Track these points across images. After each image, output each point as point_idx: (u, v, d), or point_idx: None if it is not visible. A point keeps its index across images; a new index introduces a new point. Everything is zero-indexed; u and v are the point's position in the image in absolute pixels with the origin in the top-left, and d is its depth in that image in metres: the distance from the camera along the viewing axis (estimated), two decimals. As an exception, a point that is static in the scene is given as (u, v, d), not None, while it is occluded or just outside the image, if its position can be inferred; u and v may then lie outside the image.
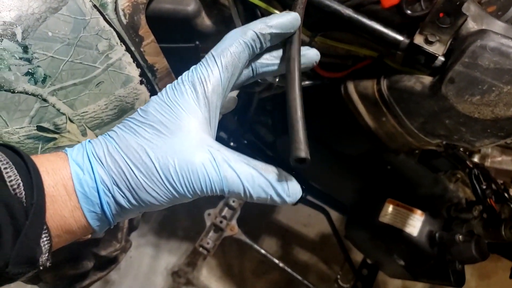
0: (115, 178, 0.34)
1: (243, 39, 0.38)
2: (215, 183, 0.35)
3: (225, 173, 0.35)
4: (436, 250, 0.84)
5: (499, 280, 1.58)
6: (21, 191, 0.31)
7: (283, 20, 0.39)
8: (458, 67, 0.54)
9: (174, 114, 0.36)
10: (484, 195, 0.83)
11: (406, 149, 0.74)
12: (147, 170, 0.34)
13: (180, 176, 0.34)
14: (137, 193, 0.35)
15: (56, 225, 0.34)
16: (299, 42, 0.40)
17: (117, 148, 0.35)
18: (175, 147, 0.35)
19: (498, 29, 0.57)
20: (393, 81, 0.64)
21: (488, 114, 0.55)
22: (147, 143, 0.35)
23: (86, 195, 0.34)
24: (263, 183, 0.36)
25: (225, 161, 0.35)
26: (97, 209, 0.35)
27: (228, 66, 0.37)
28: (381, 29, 0.61)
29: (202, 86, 0.37)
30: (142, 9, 0.66)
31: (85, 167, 0.34)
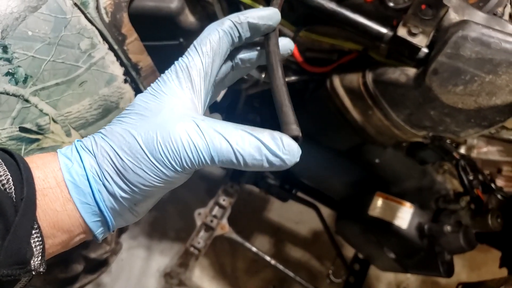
0: (103, 164, 0.34)
1: (221, 27, 0.39)
2: (202, 150, 0.33)
3: (212, 138, 0.33)
4: (425, 242, 0.85)
5: (489, 271, 1.60)
6: (10, 186, 0.30)
7: (260, 12, 0.40)
8: (441, 58, 0.55)
9: (157, 99, 0.36)
10: (471, 186, 0.84)
11: (393, 141, 0.74)
12: (131, 149, 0.34)
13: (164, 147, 0.33)
14: (124, 175, 0.34)
15: (48, 221, 0.33)
16: (276, 37, 0.41)
17: (103, 137, 0.35)
18: (157, 122, 0.34)
19: (479, 19, 0.58)
20: (378, 74, 0.65)
21: (471, 104, 0.56)
22: (131, 126, 0.35)
23: (76, 184, 0.33)
24: (254, 144, 0.33)
25: (210, 127, 0.34)
26: (89, 199, 0.34)
27: (208, 52, 0.38)
28: (365, 22, 0.61)
29: (184, 73, 0.37)
30: (124, 7, 0.65)
31: (73, 157, 0.34)
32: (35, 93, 0.55)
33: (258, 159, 0.33)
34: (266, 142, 0.33)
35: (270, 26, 0.40)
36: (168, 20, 0.71)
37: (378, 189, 0.90)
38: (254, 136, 0.33)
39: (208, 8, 0.73)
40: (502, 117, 0.56)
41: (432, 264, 0.85)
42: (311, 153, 0.95)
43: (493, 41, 0.52)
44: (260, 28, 0.40)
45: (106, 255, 1.05)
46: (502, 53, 0.52)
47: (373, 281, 1.59)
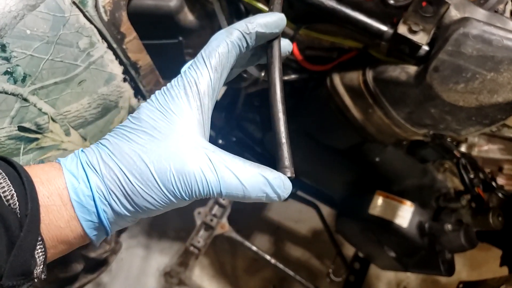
0: (110, 186, 0.34)
1: (229, 39, 0.38)
2: (213, 185, 0.35)
3: (222, 175, 0.34)
4: (426, 241, 0.84)
5: (490, 269, 1.60)
6: (15, 202, 0.31)
7: (267, 19, 0.39)
8: (442, 56, 0.54)
9: (166, 119, 0.36)
10: (472, 184, 0.84)
11: (394, 140, 0.74)
12: (142, 176, 0.34)
13: (177, 180, 0.34)
14: (133, 199, 0.34)
15: (52, 236, 0.33)
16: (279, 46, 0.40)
17: (110, 155, 0.35)
18: (170, 151, 0.34)
19: (480, 16, 0.58)
20: (378, 72, 0.64)
21: (472, 102, 0.56)
22: (141, 149, 0.35)
23: (82, 204, 0.33)
24: (261, 182, 0.35)
25: (221, 163, 0.35)
26: (93, 217, 0.34)
27: (217, 67, 0.37)
28: (365, 19, 0.61)
29: (193, 89, 0.37)
30: (123, 5, 0.65)
31: (79, 176, 0.34)
32: (33, 92, 0.54)
33: (260, 195, 0.36)
34: (271, 181, 0.36)
35: (276, 33, 0.40)
36: (167, 18, 0.71)
37: (379, 187, 0.89)
38: (261, 175, 0.36)
39: (207, 7, 0.73)
40: (504, 115, 0.56)
41: (432, 263, 0.85)
42: (311, 152, 0.95)
43: (494, 39, 0.52)
44: (266, 36, 0.40)
45: (106, 255, 1.05)
46: (504, 51, 0.51)
47: (373, 280, 1.58)
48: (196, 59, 0.38)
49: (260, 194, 0.36)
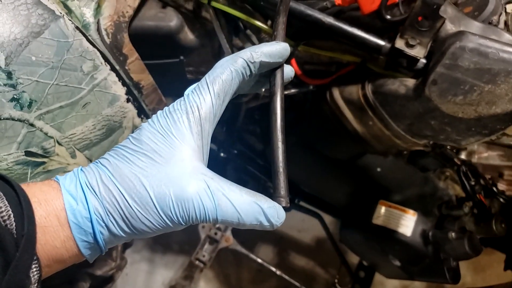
0: (109, 208, 0.34)
1: (234, 67, 0.39)
2: (209, 212, 0.35)
3: (219, 202, 0.35)
4: (430, 249, 0.85)
5: (494, 273, 1.60)
6: (11, 222, 0.31)
7: (272, 49, 0.40)
8: (440, 69, 0.56)
9: (167, 143, 0.36)
10: (473, 191, 0.85)
11: (395, 151, 0.75)
12: (142, 200, 0.34)
13: (176, 206, 0.35)
14: (130, 222, 0.35)
15: (47, 256, 0.34)
16: (282, 75, 0.42)
17: (110, 177, 0.35)
18: (170, 176, 0.35)
19: (475, 29, 0.59)
20: (377, 85, 0.66)
21: (471, 113, 0.57)
22: (141, 172, 0.35)
23: (79, 226, 0.34)
24: (256, 210, 0.36)
25: (219, 190, 0.36)
26: (89, 238, 0.35)
27: (220, 93, 0.38)
28: (363, 35, 0.62)
29: (195, 114, 0.37)
30: (124, 27, 0.66)
31: (78, 197, 0.34)
32: (39, 117, 0.55)
33: (254, 223, 0.37)
34: (265, 211, 0.36)
35: (280, 62, 0.41)
36: (168, 38, 0.72)
37: (381, 197, 0.90)
38: (256, 204, 0.36)
39: (207, 25, 0.74)
40: (503, 125, 0.57)
41: (438, 271, 0.85)
42: (312, 163, 0.96)
43: (490, 51, 0.53)
44: (270, 65, 0.41)
45: (112, 272, 1.05)
46: (500, 63, 0.52)
47: (378, 286, 1.58)
48: (200, 84, 0.39)
49: (254, 222, 0.37)
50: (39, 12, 0.55)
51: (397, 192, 0.89)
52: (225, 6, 0.69)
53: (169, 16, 0.72)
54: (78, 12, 0.61)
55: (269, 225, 0.37)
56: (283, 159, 0.39)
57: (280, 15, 0.45)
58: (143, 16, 0.71)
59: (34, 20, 0.54)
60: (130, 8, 0.67)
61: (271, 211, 0.37)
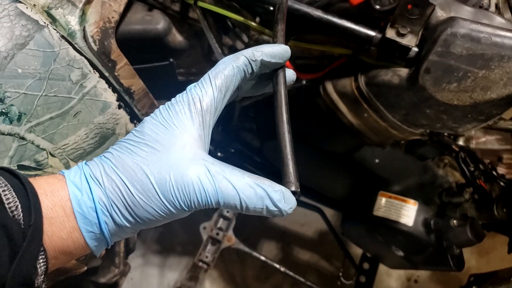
0: (112, 197, 0.35)
1: (236, 63, 0.40)
2: (211, 195, 0.35)
3: (220, 184, 0.35)
4: (433, 237, 0.85)
5: (498, 255, 1.60)
6: (19, 213, 0.32)
7: (273, 50, 0.41)
8: (432, 57, 0.55)
9: (169, 132, 0.37)
10: (473, 176, 0.85)
11: (391, 141, 0.74)
12: (143, 187, 0.35)
13: (176, 190, 0.35)
14: (134, 210, 0.35)
15: (54, 247, 0.34)
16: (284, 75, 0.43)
17: (113, 168, 0.36)
18: (170, 162, 0.36)
19: (466, 14, 0.58)
20: (370, 76, 0.65)
21: (467, 100, 0.56)
22: (142, 161, 0.36)
23: (85, 216, 0.34)
24: (259, 193, 0.36)
25: (220, 173, 0.36)
26: (95, 228, 0.35)
27: (221, 87, 0.39)
28: (353, 26, 0.61)
29: (196, 105, 0.38)
30: (111, 33, 0.65)
31: (83, 188, 0.35)
32: (30, 130, 0.54)
33: (259, 207, 0.36)
34: (269, 193, 0.36)
35: (281, 63, 0.42)
36: (156, 41, 0.71)
37: (381, 188, 0.90)
38: (259, 186, 0.36)
39: (195, 26, 0.73)
40: (499, 110, 0.56)
41: (441, 259, 0.85)
42: (310, 158, 0.96)
43: (482, 36, 0.52)
44: (271, 65, 0.42)
45: (116, 278, 1.05)
46: (493, 47, 0.52)
47: (383, 276, 1.58)
48: (202, 78, 0.40)
49: (258, 205, 0.36)
50: (22, 23, 0.54)
51: (397, 182, 0.89)
52: (212, 6, 0.68)
53: (156, 18, 0.71)
54: (62, 20, 0.60)
55: (277, 210, 0.36)
56: (291, 147, 0.39)
57: (279, 23, 0.47)
58: (130, 20, 0.70)
59: (18, 31, 0.53)
60: (116, 13, 0.66)
61: (277, 195, 0.36)
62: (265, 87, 0.47)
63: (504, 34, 0.51)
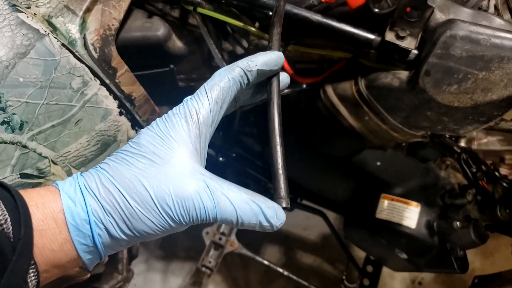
0: (108, 209, 0.34)
1: (231, 75, 0.40)
2: (209, 210, 0.36)
3: (219, 200, 0.36)
4: (436, 240, 0.84)
5: (502, 256, 1.60)
6: (8, 226, 0.31)
7: (267, 58, 0.42)
8: (432, 59, 0.55)
9: (166, 145, 0.37)
10: (475, 177, 0.84)
11: (393, 144, 0.74)
12: (142, 200, 0.35)
13: (176, 204, 0.35)
14: (131, 222, 0.35)
15: (45, 260, 0.33)
16: (278, 82, 0.43)
17: (110, 179, 0.35)
18: (169, 176, 0.36)
19: (465, 16, 0.58)
20: (370, 79, 0.65)
21: (467, 101, 0.56)
22: (140, 173, 0.36)
23: (78, 227, 0.34)
24: (254, 209, 0.37)
25: (218, 189, 0.36)
26: (88, 241, 0.35)
27: (218, 99, 0.39)
28: (352, 30, 0.61)
29: (193, 118, 0.38)
30: (111, 40, 0.65)
31: (77, 199, 0.35)
32: (32, 138, 0.54)
33: (253, 223, 0.37)
34: (264, 210, 0.37)
35: (275, 70, 0.43)
36: (156, 48, 0.71)
37: (383, 191, 0.89)
38: (255, 203, 0.37)
39: (194, 32, 0.74)
40: (500, 111, 0.56)
41: (445, 261, 0.85)
42: (311, 162, 0.95)
43: (482, 38, 0.52)
44: (266, 73, 0.42)
45: (119, 285, 1.05)
46: (492, 49, 0.52)
47: (387, 279, 1.58)
48: (198, 90, 0.40)
49: (253, 221, 0.37)
50: (23, 32, 0.54)
51: (399, 184, 0.89)
52: (211, 11, 0.68)
53: (156, 25, 0.71)
54: (63, 29, 0.61)
55: (269, 225, 0.37)
56: (282, 161, 0.39)
57: (275, 27, 0.47)
58: (130, 28, 0.71)
59: (19, 41, 0.54)
60: (116, 21, 0.66)
61: (270, 212, 0.37)
62: (263, 94, 0.47)
63: (504, 35, 0.51)
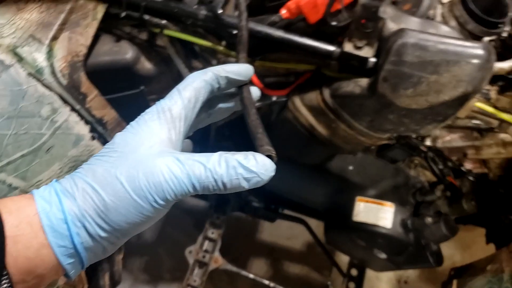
0: (84, 206, 0.34)
1: (203, 77, 0.42)
2: (183, 180, 0.35)
3: (191, 167, 0.35)
4: (411, 237, 0.87)
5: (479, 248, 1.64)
6: None
7: (238, 67, 0.44)
8: (388, 66, 0.58)
9: (137, 137, 0.37)
10: (442, 174, 0.88)
11: (362, 148, 0.77)
12: (115, 189, 0.34)
13: (147, 183, 0.34)
14: (108, 216, 0.34)
15: (20, 269, 0.32)
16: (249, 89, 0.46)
17: (84, 178, 0.35)
18: (137, 159, 0.35)
19: (414, 25, 0.62)
20: (334, 89, 0.68)
21: (423, 103, 0.60)
22: (111, 165, 0.35)
23: (54, 228, 0.33)
24: (231, 164, 0.35)
25: (189, 158, 0.35)
26: (66, 242, 0.33)
27: (190, 98, 0.40)
28: (313, 43, 0.65)
29: (166, 114, 0.39)
30: (80, 66, 0.66)
31: (52, 201, 0.34)
32: (1, 170, 0.54)
33: (235, 179, 0.35)
34: (240, 161, 0.35)
35: (244, 80, 0.44)
36: (126, 71, 0.73)
37: (358, 194, 0.92)
38: (231, 158, 0.35)
39: (163, 53, 0.75)
40: (453, 110, 0.60)
41: (421, 257, 0.88)
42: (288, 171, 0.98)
43: (430, 44, 0.56)
44: (236, 82, 0.44)
45: (103, 312, 1.02)
46: (439, 54, 0.56)
47: (374, 280, 1.60)
48: (171, 91, 0.41)
49: (234, 177, 0.35)
50: (-12, 65, 0.55)
51: (372, 186, 0.92)
52: (178, 33, 0.70)
53: (124, 48, 0.73)
54: (29, 58, 0.61)
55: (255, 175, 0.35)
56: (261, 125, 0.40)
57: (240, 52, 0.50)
58: (98, 52, 0.72)
59: (-16, 73, 0.54)
60: (83, 47, 0.67)
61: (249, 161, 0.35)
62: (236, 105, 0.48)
63: (448, 41, 0.55)
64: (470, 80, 0.56)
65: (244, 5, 0.57)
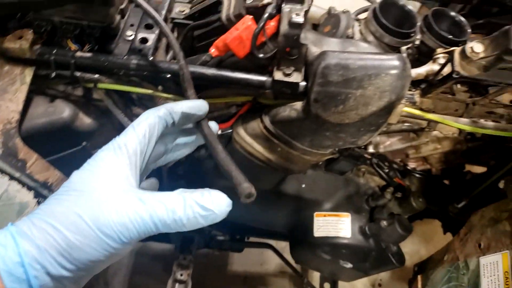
0: (45, 246, 0.33)
1: (157, 113, 0.43)
2: (145, 218, 0.36)
3: (153, 207, 0.36)
4: (372, 242, 0.91)
5: (440, 238, 1.73)
6: None
7: (191, 103, 0.46)
8: (316, 88, 0.62)
9: (95, 175, 0.37)
10: (389, 177, 0.94)
11: (309, 166, 0.81)
12: (78, 227, 0.34)
13: (112, 222, 0.35)
14: (72, 254, 0.34)
15: None
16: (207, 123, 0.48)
17: (43, 218, 0.34)
18: (101, 198, 0.35)
19: (335, 46, 0.67)
20: (272, 115, 0.71)
21: (355, 117, 0.64)
22: (72, 204, 0.35)
23: (11, 273, 0.32)
24: (188, 203, 0.37)
25: (151, 198, 0.37)
26: (24, 286, 0.32)
27: (145, 133, 0.41)
28: (245, 76, 0.68)
29: (122, 149, 0.39)
30: (14, 133, 0.64)
31: (8, 244, 0.33)
32: None
33: (191, 217, 0.37)
34: (197, 200, 0.37)
35: (200, 115, 0.46)
36: (65, 130, 0.72)
37: (315, 210, 0.95)
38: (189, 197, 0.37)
39: (100, 106, 0.75)
40: (384, 119, 0.65)
41: (385, 259, 0.91)
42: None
43: (350, 62, 0.61)
44: (191, 117, 0.45)
45: None
46: (360, 70, 0.60)
47: (350, 291, 1.62)
48: (126, 128, 0.42)
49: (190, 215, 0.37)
50: None
51: (327, 200, 0.95)
52: (112, 84, 0.70)
53: (60, 108, 0.72)
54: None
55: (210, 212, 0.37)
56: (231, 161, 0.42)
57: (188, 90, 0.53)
58: (32, 116, 0.71)
59: None
60: (15, 113, 0.66)
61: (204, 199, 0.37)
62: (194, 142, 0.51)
63: (367, 57, 0.60)
64: (392, 89, 0.61)
65: (178, 46, 0.59)
